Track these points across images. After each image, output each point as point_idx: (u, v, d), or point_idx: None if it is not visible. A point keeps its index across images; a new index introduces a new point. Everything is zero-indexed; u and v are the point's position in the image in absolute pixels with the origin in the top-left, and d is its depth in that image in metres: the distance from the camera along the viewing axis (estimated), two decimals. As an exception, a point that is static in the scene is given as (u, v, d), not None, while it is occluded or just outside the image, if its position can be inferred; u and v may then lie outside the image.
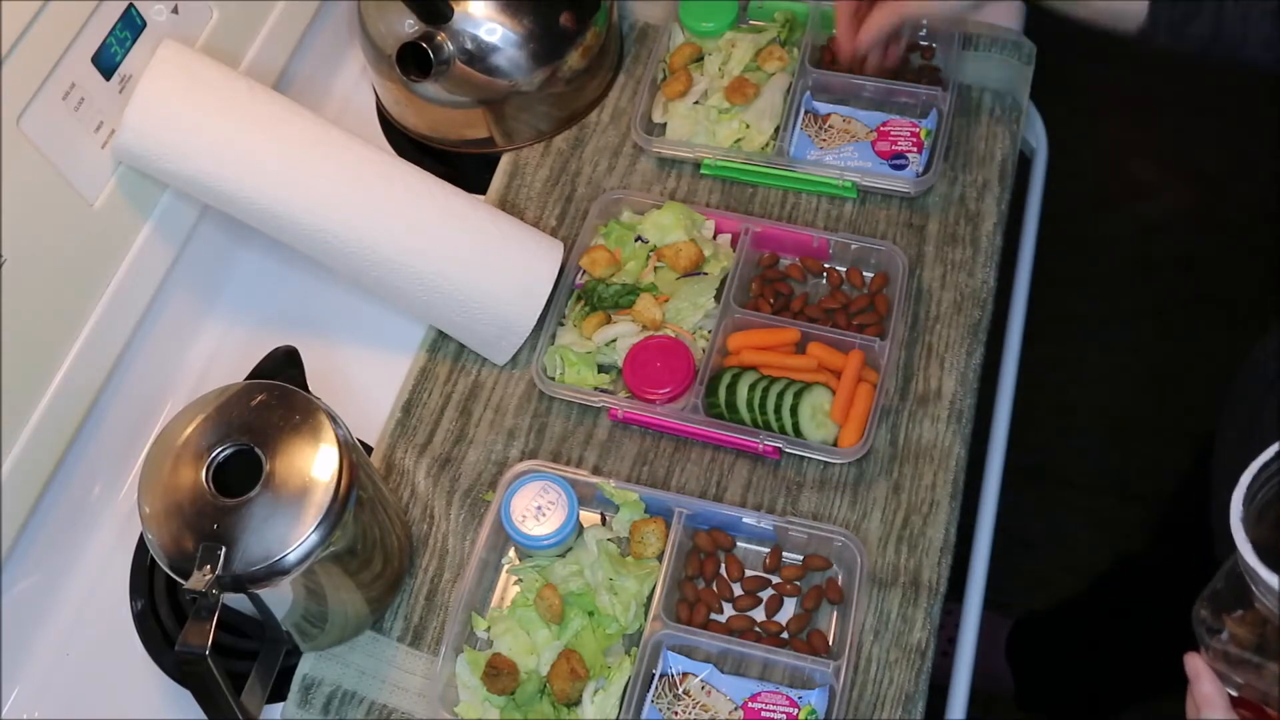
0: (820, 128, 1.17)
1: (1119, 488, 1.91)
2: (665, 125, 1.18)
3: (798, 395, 0.98)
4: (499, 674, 0.89)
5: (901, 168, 1.13)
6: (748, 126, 1.16)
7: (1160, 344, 2.05)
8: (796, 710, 0.88)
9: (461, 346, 1.07)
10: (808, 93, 1.17)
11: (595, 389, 1.04)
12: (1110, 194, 2.21)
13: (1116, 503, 1.90)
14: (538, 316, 1.04)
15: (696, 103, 1.18)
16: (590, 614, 0.93)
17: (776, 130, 1.15)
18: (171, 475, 0.81)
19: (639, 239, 1.10)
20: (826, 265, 1.09)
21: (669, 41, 1.22)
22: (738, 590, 0.94)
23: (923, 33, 1.20)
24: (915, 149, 1.13)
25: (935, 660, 0.91)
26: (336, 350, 1.10)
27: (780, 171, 1.13)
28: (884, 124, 1.15)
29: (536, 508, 0.94)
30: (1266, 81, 1.11)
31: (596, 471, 1.00)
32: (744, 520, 0.95)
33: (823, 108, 1.18)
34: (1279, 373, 1.00)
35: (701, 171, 1.15)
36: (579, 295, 1.08)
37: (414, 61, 1.07)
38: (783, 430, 0.99)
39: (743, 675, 0.91)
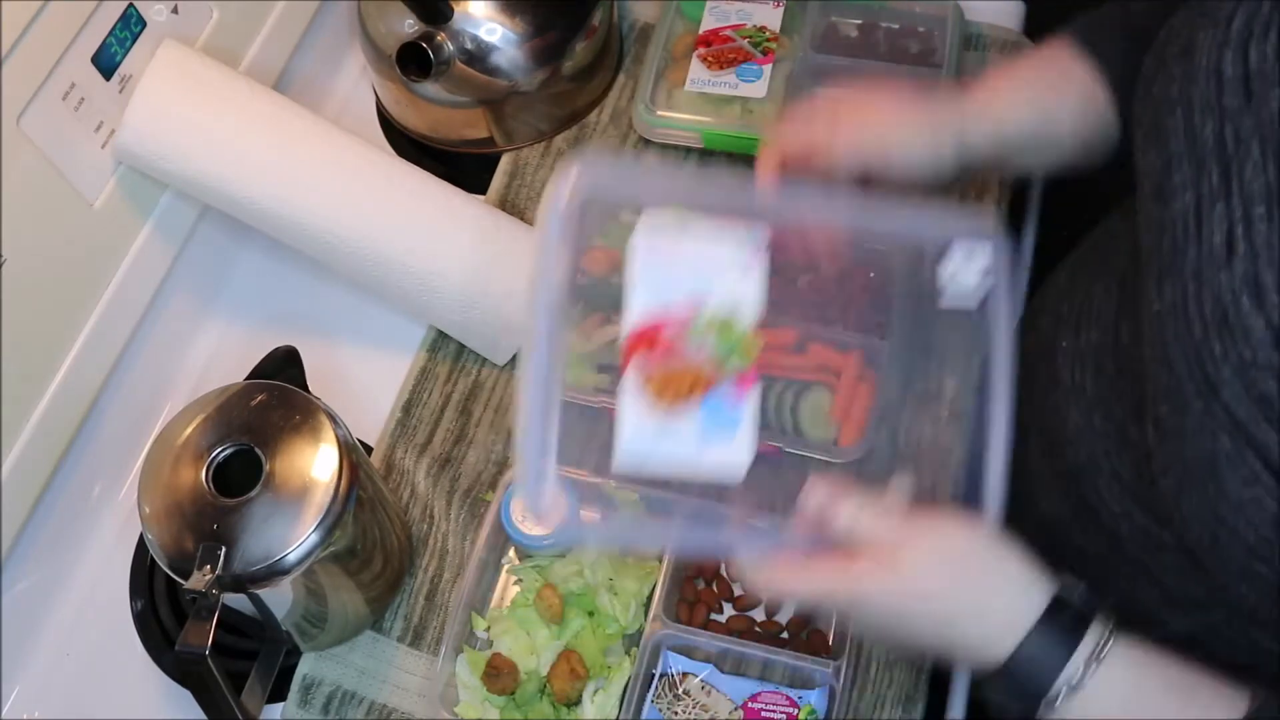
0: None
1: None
2: (670, 113, 1.17)
3: (798, 395, 0.98)
4: (499, 674, 0.89)
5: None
6: (751, 112, 1.15)
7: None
8: (796, 710, 0.88)
9: (461, 346, 1.07)
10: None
11: (595, 389, 1.03)
12: (1112, 193, 2.21)
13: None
14: (538, 316, 1.04)
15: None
16: (590, 614, 0.92)
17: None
18: (171, 475, 0.81)
19: (639, 239, 1.10)
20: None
21: (669, 30, 1.21)
22: (738, 590, 0.94)
23: (921, 29, 1.20)
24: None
25: (935, 660, 0.91)
26: (336, 350, 1.10)
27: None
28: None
29: (536, 508, 0.94)
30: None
31: (597, 471, 1.00)
32: (744, 520, 0.95)
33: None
34: None
35: (705, 145, 1.14)
36: (579, 295, 1.08)
37: (414, 61, 1.07)
38: (783, 430, 0.99)
39: (743, 675, 0.91)
